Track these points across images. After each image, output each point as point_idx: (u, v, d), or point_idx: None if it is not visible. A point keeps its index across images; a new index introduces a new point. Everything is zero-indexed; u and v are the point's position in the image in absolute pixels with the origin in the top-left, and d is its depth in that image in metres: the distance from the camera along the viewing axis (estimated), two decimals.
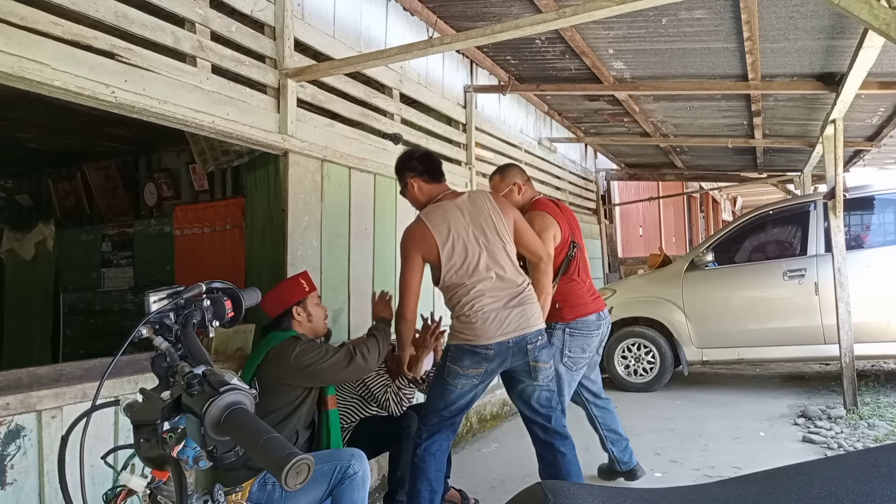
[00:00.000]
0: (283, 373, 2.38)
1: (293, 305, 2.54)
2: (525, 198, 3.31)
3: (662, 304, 5.98)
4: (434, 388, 2.67)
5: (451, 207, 2.64)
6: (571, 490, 0.66)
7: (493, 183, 3.41)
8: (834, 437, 4.20)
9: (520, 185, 3.30)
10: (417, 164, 2.77)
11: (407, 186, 2.79)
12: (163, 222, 5.83)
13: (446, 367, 2.60)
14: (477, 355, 2.54)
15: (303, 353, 2.38)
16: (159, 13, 2.43)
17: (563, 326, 3.16)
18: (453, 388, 2.58)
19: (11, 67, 1.95)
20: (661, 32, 4.00)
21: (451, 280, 2.61)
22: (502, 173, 3.39)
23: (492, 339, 2.53)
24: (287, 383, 2.41)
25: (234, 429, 0.87)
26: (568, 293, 3.19)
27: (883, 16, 2.18)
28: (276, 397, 2.40)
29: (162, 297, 1.10)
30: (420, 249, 2.62)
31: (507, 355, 2.55)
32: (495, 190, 3.32)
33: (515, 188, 3.29)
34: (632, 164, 9.28)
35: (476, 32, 2.57)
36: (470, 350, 2.54)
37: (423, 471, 2.59)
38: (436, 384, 2.66)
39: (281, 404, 2.40)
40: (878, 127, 6.08)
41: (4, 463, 1.91)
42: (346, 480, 2.28)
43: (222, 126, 2.68)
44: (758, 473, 0.72)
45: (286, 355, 2.38)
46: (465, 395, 2.61)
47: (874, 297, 5.20)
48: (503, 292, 2.59)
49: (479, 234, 2.61)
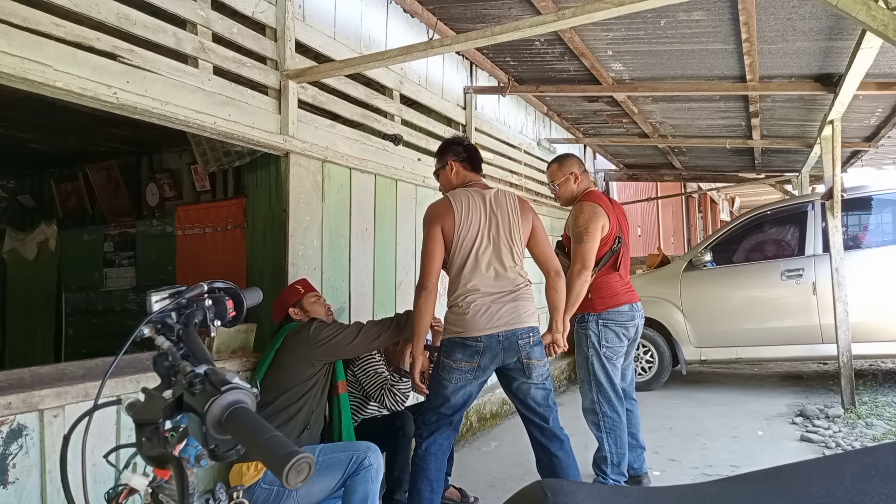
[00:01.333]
0: (303, 350, 2.53)
1: (290, 307, 2.74)
2: (580, 188, 3.35)
3: (661, 303, 5.99)
4: (431, 385, 2.69)
5: (476, 195, 2.69)
6: (571, 488, 0.67)
7: (550, 171, 3.44)
8: (832, 436, 4.21)
9: (576, 175, 3.35)
10: (462, 151, 2.85)
11: (445, 167, 2.84)
12: (165, 222, 5.84)
13: (440, 362, 2.64)
14: (468, 348, 2.56)
15: (318, 328, 2.58)
16: (161, 15, 2.44)
17: (596, 317, 3.19)
18: (447, 383, 2.61)
19: (14, 68, 1.95)
20: (660, 34, 4.01)
21: (453, 261, 2.65)
22: (560, 162, 3.43)
23: (482, 332, 2.55)
24: (306, 360, 2.53)
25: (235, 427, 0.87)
26: (602, 284, 3.23)
27: (881, 17, 2.18)
28: (292, 374, 2.52)
29: (164, 296, 1.10)
30: (440, 221, 2.64)
31: (498, 350, 2.56)
32: (552, 178, 3.40)
33: (572, 177, 3.34)
34: (630, 164, 9.28)
35: (476, 34, 2.58)
36: (461, 343, 2.57)
37: (424, 470, 2.60)
38: (433, 381, 2.68)
39: (297, 381, 2.51)
40: (876, 128, 6.09)
41: (6, 462, 1.92)
42: (361, 471, 2.36)
43: (224, 127, 2.69)
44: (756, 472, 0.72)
45: (304, 332, 2.56)
46: (459, 391, 2.62)
47: (872, 296, 5.22)
48: (498, 289, 2.61)
49: (493, 229, 2.64)
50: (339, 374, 2.73)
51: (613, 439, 3.23)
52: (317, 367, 2.56)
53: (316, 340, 2.53)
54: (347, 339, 2.59)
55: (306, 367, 2.53)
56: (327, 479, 2.35)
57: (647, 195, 12.13)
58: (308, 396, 2.53)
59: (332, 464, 2.36)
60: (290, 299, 2.76)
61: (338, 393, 2.71)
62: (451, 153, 2.85)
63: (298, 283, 2.84)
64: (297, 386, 2.51)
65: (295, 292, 2.79)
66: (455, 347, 2.59)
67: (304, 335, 2.55)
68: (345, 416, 2.71)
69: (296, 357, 2.53)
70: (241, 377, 0.93)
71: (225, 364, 2.67)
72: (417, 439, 2.70)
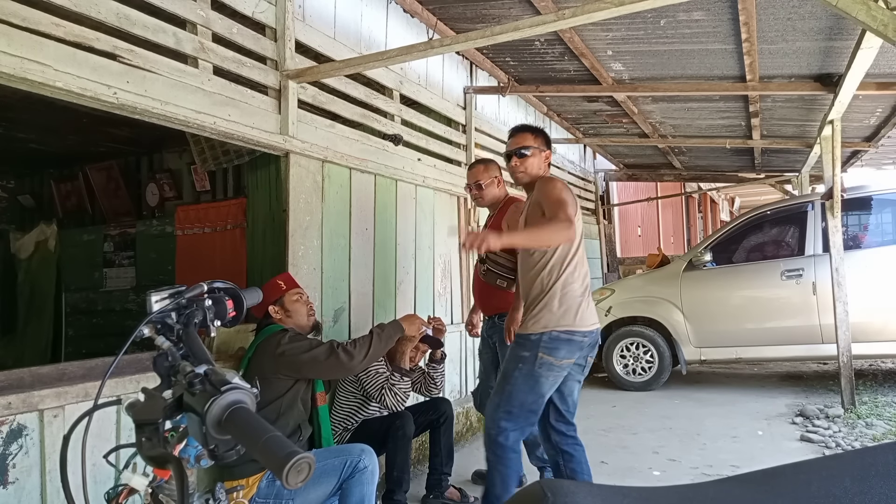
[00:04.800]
0: (269, 362, 2.42)
1: (270, 305, 2.60)
2: (502, 192, 3.43)
3: (661, 303, 5.99)
4: (519, 383, 2.50)
5: None
6: (571, 488, 0.67)
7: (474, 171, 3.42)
8: (832, 436, 4.21)
9: (500, 179, 3.41)
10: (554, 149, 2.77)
11: (538, 155, 2.73)
12: (164, 222, 5.85)
13: (538, 359, 2.46)
14: (573, 343, 2.47)
15: (286, 343, 2.43)
16: (161, 15, 2.44)
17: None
18: (545, 381, 2.48)
19: (14, 69, 1.95)
20: (660, 34, 4.01)
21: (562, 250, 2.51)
22: (486, 164, 3.47)
23: (588, 328, 2.50)
24: (273, 374, 2.43)
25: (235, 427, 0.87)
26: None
27: (881, 17, 2.19)
28: (266, 391, 2.40)
29: (164, 296, 1.10)
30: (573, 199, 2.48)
31: (588, 347, 2.53)
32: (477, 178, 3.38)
33: (496, 181, 3.38)
34: (630, 164, 9.28)
35: (476, 34, 2.58)
36: (567, 338, 2.46)
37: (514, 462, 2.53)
38: (521, 378, 2.49)
39: (272, 397, 2.41)
40: (876, 128, 6.09)
41: (6, 462, 1.92)
42: (356, 474, 2.34)
43: (224, 127, 2.69)
44: (756, 472, 0.72)
45: (272, 345, 2.43)
46: (553, 387, 2.53)
47: (872, 296, 5.22)
48: (587, 285, 2.58)
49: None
50: (318, 386, 2.66)
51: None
52: (283, 382, 2.44)
53: (282, 354, 2.40)
54: (314, 362, 2.42)
55: (273, 383, 2.41)
56: (322, 485, 2.33)
57: (647, 195, 12.13)
58: (289, 412, 2.45)
59: (326, 470, 2.33)
60: (270, 296, 2.59)
61: (316, 405, 2.64)
62: (550, 147, 2.81)
63: (280, 278, 2.69)
64: (272, 402, 2.41)
65: (276, 288, 2.63)
66: (560, 343, 2.46)
67: (271, 350, 2.42)
68: (324, 428, 2.65)
69: (262, 371, 2.40)
70: (240, 377, 0.93)
71: (225, 364, 2.67)
72: (497, 439, 2.52)
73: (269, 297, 2.60)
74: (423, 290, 4.22)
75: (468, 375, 4.71)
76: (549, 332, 2.47)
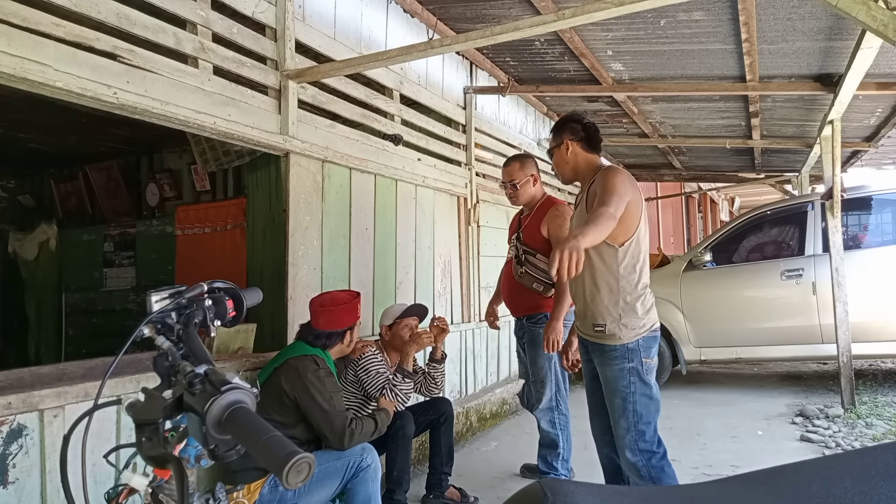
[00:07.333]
0: (291, 386, 2.38)
1: (347, 329, 2.62)
2: (539, 191, 3.45)
3: (660, 303, 5.90)
4: (638, 396, 2.36)
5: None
6: (570, 488, 0.67)
7: (508, 169, 3.43)
8: (832, 435, 4.21)
9: (536, 177, 3.41)
10: (580, 129, 2.57)
11: (560, 146, 2.60)
12: (165, 222, 5.85)
13: (643, 365, 2.35)
14: (655, 341, 2.42)
15: (317, 379, 2.38)
16: (161, 15, 2.44)
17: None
18: (654, 385, 2.40)
19: (14, 69, 1.95)
20: (660, 34, 4.01)
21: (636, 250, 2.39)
22: (521, 161, 3.46)
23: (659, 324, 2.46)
24: (288, 398, 2.38)
25: (235, 427, 0.87)
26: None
27: (881, 17, 2.19)
28: (277, 412, 2.37)
29: (164, 296, 1.10)
30: (635, 193, 2.34)
31: None
32: (511, 177, 3.37)
33: (532, 179, 3.39)
34: (630, 164, 9.28)
35: (476, 34, 2.58)
36: (654, 335, 2.42)
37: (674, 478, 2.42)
38: (638, 392, 2.36)
39: (277, 417, 2.36)
40: (876, 128, 6.09)
41: (6, 462, 1.92)
42: (360, 473, 2.35)
43: (224, 127, 2.69)
44: (756, 472, 0.72)
45: (303, 372, 2.38)
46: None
47: (872, 296, 5.22)
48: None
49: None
50: None
51: (566, 436, 3.46)
52: (290, 411, 2.38)
53: (305, 386, 2.33)
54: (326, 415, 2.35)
55: (281, 406, 2.37)
56: (326, 487, 2.33)
57: (647, 195, 12.12)
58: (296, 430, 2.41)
59: (328, 472, 2.32)
60: (350, 320, 2.59)
61: None
62: (568, 132, 2.58)
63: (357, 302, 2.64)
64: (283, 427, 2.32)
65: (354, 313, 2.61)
66: (652, 342, 2.40)
67: (297, 375, 2.36)
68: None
69: (281, 390, 2.37)
70: (241, 377, 0.93)
71: (225, 364, 2.67)
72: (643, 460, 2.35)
73: (349, 319, 2.62)
74: (423, 290, 4.22)
75: (468, 375, 4.71)
76: (643, 336, 2.38)
